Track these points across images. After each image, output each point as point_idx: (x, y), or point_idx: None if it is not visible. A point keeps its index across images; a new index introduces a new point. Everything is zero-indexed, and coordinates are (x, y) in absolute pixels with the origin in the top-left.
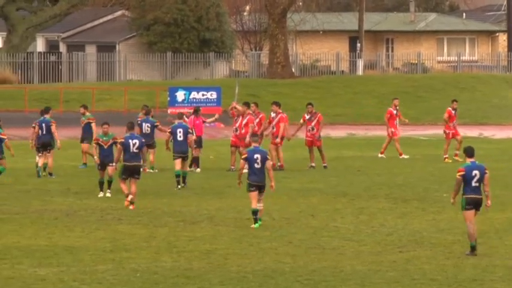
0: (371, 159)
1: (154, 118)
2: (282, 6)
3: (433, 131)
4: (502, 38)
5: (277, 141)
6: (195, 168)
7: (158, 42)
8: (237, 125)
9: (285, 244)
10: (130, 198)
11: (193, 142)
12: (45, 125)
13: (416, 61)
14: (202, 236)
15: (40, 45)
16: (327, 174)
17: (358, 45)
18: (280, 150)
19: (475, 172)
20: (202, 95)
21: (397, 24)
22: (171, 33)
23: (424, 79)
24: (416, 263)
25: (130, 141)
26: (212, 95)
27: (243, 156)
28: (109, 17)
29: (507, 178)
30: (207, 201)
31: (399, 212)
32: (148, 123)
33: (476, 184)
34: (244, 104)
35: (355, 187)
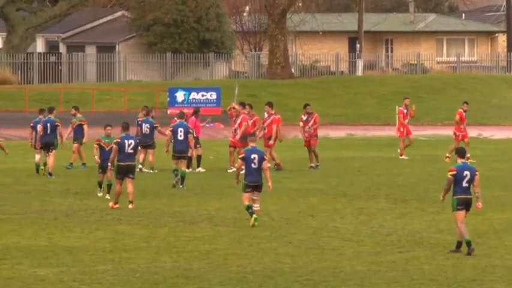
0: (370, 159)
1: (155, 119)
2: (281, 6)
3: (432, 131)
4: (502, 38)
5: (271, 143)
6: (193, 169)
7: (158, 42)
8: (236, 126)
9: (285, 244)
10: (130, 199)
11: (194, 142)
12: (50, 124)
13: (415, 62)
14: (202, 236)
15: (40, 46)
16: (327, 175)
17: (358, 45)
18: (272, 151)
19: (466, 172)
20: (202, 95)
21: (396, 25)
22: (171, 34)
23: (424, 80)
24: (416, 263)
25: (126, 142)
26: (212, 95)
27: (240, 156)
28: (109, 18)
29: (507, 179)
30: (206, 201)
31: (399, 212)
32: (147, 123)
33: (467, 185)
34: (240, 104)
35: (355, 187)
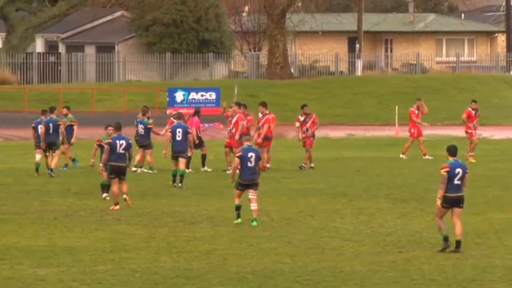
0: (370, 159)
1: (154, 119)
2: (281, 7)
3: (432, 131)
4: (501, 38)
5: (259, 141)
6: (192, 169)
7: (157, 42)
8: (232, 126)
9: (285, 244)
10: (123, 197)
11: (194, 142)
12: (52, 124)
13: (415, 62)
14: (202, 236)
15: (39, 46)
16: (327, 175)
17: (357, 45)
18: (267, 150)
19: (458, 170)
20: (201, 95)
21: (396, 25)
22: (170, 34)
23: (423, 80)
24: (416, 264)
25: (118, 142)
26: (211, 95)
27: (237, 155)
28: (108, 18)
29: (507, 179)
30: (206, 201)
31: (398, 212)
32: (142, 124)
33: (458, 182)
34: (236, 104)
35: (355, 187)
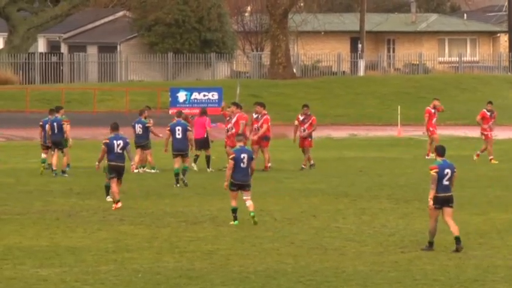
0: (372, 159)
1: (156, 119)
2: (283, 7)
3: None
4: (503, 38)
5: (254, 138)
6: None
7: (159, 42)
8: (229, 126)
9: (287, 245)
10: (110, 198)
11: (209, 141)
12: (56, 124)
13: (417, 62)
14: (205, 236)
15: (41, 46)
16: (329, 175)
17: (360, 46)
18: (265, 151)
19: (447, 170)
20: (204, 95)
21: (398, 25)
22: (173, 34)
23: (425, 80)
24: (418, 264)
25: (115, 142)
26: (213, 95)
27: (231, 156)
28: (110, 18)
29: (508, 179)
30: (209, 201)
31: (401, 212)
32: (140, 124)
33: (447, 183)
34: (233, 104)
35: (357, 188)
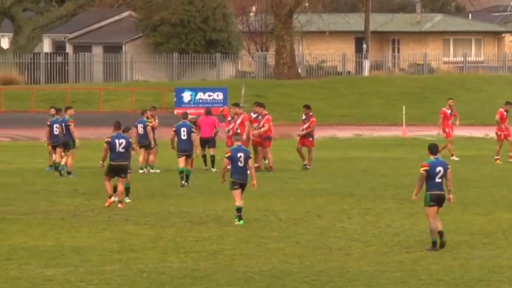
0: (377, 159)
1: (161, 119)
2: (288, 7)
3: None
4: (508, 38)
5: (254, 133)
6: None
7: (165, 43)
8: (230, 127)
9: (292, 245)
10: (116, 198)
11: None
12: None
13: (422, 62)
14: (209, 236)
15: (47, 46)
16: (334, 175)
17: (364, 46)
18: (267, 151)
19: (439, 168)
20: (209, 95)
21: (403, 25)
22: (178, 34)
23: (430, 80)
24: (423, 264)
25: (117, 141)
26: (218, 95)
27: (227, 155)
28: (115, 18)
29: None
30: (214, 201)
31: (406, 212)
32: (141, 124)
33: (440, 180)
34: (234, 104)
35: (362, 188)
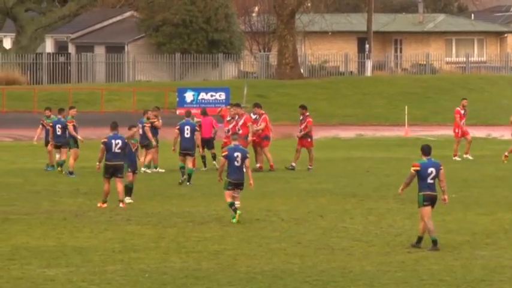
0: (380, 159)
1: (164, 119)
2: (290, 7)
3: (441, 131)
4: (511, 38)
5: (253, 138)
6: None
7: (167, 43)
8: (230, 127)
9: (294, 245)
10: (120, 198)
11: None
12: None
13: (424, 62)
14: (211, 236)
15: (49, 46)
16: (336, 175)
17: (367, 46)
18: (266, 151)
19: (431, 169)
20: (211, 95)
21: (405, 25)
22: (180, 34)
23: (433, 80)
24: (425, 264)
25: (113, 141)
26: (221, 95)
27: (223, 154)
28: (118, 18)
29: None
30: (215, 201)
31: (408, 212)
32: (141, 124)
33: (432, 181)
34: (235, 105)
35: (364, 188)
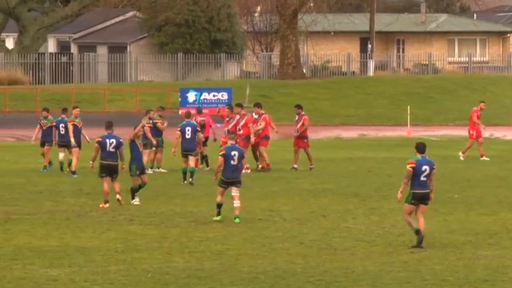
0: (382, 159)
1: (167, 119)
2: (293, 7)
3: (443, 131)
4: None
5: (252, 140)
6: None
7: (169, 43)
8: (230, 126)
9: (297, 245)
10: (116, 196)
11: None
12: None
13: (427, 62)
14: (214, 236)
15: (51, 46)
16: (338, 175)
17: (369, 46)
18: (262, 150)
19: (425, 167)
20: (213, 95)
21: (408, 25)
22: (182, 34)
23: (435, 80)
24: (428, 264)
25: (107, 141)
26: (223, 95)
27: (221, 153)
28: (120, 18)
29: None
30: None
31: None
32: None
33: (424, 179)
34: (237, 105)
35: (367, 188)
